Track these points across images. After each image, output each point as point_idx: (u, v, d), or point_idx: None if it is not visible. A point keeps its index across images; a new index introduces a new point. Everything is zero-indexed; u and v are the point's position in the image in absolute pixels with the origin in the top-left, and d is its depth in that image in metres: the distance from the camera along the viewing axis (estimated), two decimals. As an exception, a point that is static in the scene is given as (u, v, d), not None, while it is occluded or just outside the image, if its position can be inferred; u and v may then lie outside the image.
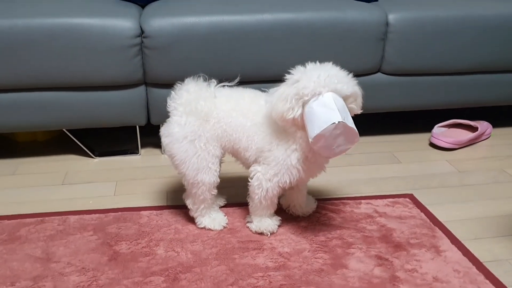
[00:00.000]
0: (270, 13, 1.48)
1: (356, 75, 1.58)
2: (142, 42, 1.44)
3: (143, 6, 1.62)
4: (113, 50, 1.41)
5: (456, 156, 1.65)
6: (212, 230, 1.20)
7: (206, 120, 1.12)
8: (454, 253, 1.13)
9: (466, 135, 1.72)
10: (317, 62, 1.06)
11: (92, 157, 1.61)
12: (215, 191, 1.18)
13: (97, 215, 1.25)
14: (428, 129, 1.77)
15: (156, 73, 1.48)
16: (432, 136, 1.71)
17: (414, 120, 1.93)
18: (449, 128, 1.78)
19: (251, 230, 1.20)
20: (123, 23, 1.41)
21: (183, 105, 1.12)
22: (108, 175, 1.49)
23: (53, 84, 1.44)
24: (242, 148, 1.13)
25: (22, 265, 1.07)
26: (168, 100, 1.15)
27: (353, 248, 1.14)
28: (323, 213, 1.28)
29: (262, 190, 1.13)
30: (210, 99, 1.12)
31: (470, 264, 1.10)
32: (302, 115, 1.02)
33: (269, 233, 1.19)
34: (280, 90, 1.05)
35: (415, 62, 1.61)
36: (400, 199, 1.35)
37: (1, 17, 1.36)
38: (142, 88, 1.52)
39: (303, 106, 1.01)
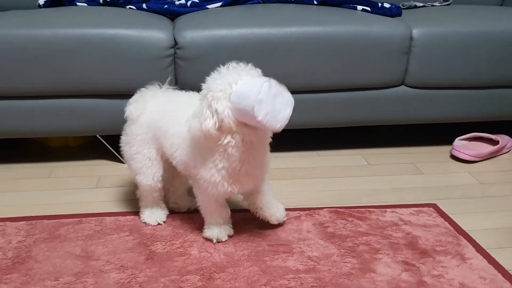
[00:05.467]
0: (297, 26, 1.54)
1: (380, 87, 1.66)
2: (175, 53, 1.50)
3: (172, 19, 1.68)
4: (148, 60, 1.47)
5: (477, 169, 1.67)
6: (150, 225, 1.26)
7: (137, 123, 1.19)
8: (479, 261, 1.16)
9: (487, 148, 1.75)
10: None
11: (123, 163, 1.65)
12: (156, 194, 1.24)
13: (132, 216, 1.30)
14: (449, 141, 1.79)
15: (187, 82, 1.53)
16: (453, 148, 1.74)
17: (435, 133, 1.96)
18: (470, 141, 1.80)
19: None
20: (158, 34, 1.47)
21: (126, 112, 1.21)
22: (139, 180, 1.54)
23: (90, 91, 1.51)
24: (168, 154, 1.17)
25: (64, 262, 1.12)
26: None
27: (380, 253, 1.18)
28: (350, 220, 1.31)
29: (198, 201, 1.18)
30: (141, 103, 1.20)
31: (496, 272, 1.12)
32: (232, 113, 0.99)
33: (214, 240, 1.20)
34: (193, 111, 1.04)
35: (437, 76, 1.65)
36: (424, 209, 1.38)
37: (43, 26, 1.44)
38: (173, 97, 1.57)
39: (229, 103, 0.99)
